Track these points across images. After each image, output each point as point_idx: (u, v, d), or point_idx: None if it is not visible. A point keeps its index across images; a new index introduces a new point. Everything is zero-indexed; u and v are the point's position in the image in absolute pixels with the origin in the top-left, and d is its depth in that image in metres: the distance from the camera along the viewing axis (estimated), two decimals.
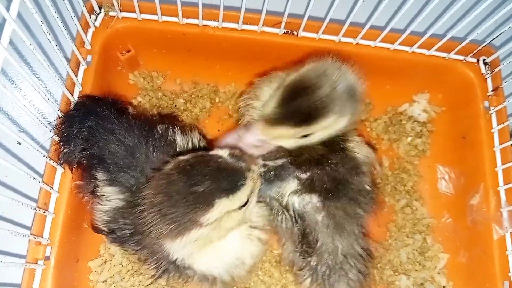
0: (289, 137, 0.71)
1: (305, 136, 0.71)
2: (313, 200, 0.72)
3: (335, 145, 0.74)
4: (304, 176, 0.72)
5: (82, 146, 0.70)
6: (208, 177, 0.56)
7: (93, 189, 0.70)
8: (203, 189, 0.56)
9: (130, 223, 0.66)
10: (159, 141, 0.69)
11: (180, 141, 0.72)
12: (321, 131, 0.70)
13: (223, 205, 0.57)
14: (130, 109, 0.76)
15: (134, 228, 0.66)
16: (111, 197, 0.68)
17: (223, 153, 0.61)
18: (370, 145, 0.82)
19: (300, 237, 0.74)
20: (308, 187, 0.72)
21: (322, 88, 0.67)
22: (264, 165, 0.73)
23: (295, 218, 0.73)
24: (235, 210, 0.59)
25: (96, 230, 0.72)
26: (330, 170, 0.72)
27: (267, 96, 0.76)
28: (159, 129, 0.71)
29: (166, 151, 0.69)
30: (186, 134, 0.73)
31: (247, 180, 0.59)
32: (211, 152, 0.63)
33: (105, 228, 0.70)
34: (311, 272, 0.74)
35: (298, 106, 0.67)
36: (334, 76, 0.69)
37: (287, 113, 0.68)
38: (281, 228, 0.75)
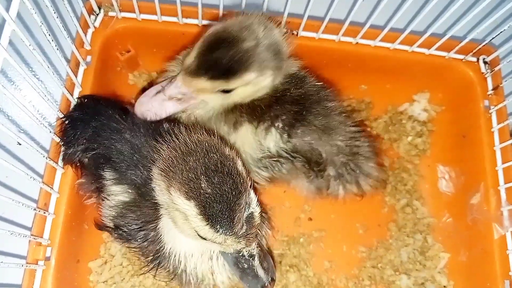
0: (208, 91, 0.68)
1: (226, 91, 0.68)
2: (296, 130, 0.71)
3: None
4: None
5: (85, 146, 0.70)
6: None
7: (98, 188, 0.70)
8: None
9: (138, 217, 0.66)
10: (166, 138, 0.69)
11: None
12: (242, 87, 0.67)
13: None
14: (130, 108, 0.76)
15: (142, 222, 0.66)
16: (119, 194, 0.68)
17: None
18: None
19: (306, 165, 0.73)
20: (286, 125, 0.71)
21: (244, 41, 0.65)
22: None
23: (290, 155, 0.72)
24: None
25: (100, 227, 0.72)
26: (286, 96, 0.71)
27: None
28: (165, 127, 0.70)
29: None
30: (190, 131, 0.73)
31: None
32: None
33: (111, 224, 0.69)
34: (337, 180, 0.75)
35: (216, 58, 0.65)
36: (259, 32, 0.66)
37: (205, 65, 0.65)
38: (284, 173, 0.75)
